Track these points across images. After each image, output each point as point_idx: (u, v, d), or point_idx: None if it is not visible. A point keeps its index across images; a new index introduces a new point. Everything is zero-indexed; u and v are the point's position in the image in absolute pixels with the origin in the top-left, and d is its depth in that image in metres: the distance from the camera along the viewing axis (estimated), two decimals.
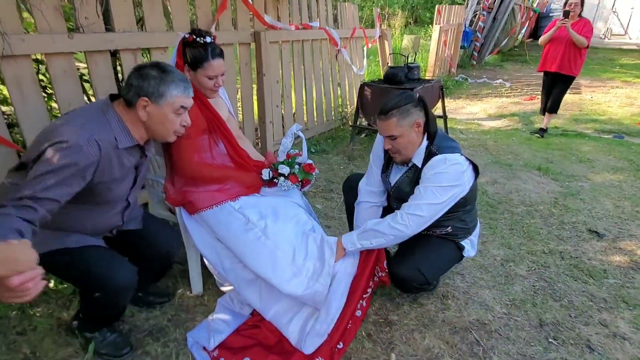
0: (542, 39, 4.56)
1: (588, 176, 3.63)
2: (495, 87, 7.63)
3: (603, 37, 15.30)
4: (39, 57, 2.29)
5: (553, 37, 4.37)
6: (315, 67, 4.21)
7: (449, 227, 1.80)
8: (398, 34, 11.05)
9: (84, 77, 2.31)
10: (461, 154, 1.65)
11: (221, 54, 1.69)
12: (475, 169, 1.72)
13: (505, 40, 10.43)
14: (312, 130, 4.28)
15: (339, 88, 4.85)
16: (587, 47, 4.27)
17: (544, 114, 4.92)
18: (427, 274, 1.75)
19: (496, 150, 4.27)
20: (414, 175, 1.73)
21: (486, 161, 3.93)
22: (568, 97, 6.98)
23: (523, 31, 12.36)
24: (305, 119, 4.19)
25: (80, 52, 2.11)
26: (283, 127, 3.87)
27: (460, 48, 8.56)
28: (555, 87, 4.61)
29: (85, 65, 2.20)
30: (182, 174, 1.73)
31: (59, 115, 2.16)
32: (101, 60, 2.20)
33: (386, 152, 1.82)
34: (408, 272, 1.75)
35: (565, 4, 4.32)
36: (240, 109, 3.40)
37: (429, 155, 1.67)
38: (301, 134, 2.04)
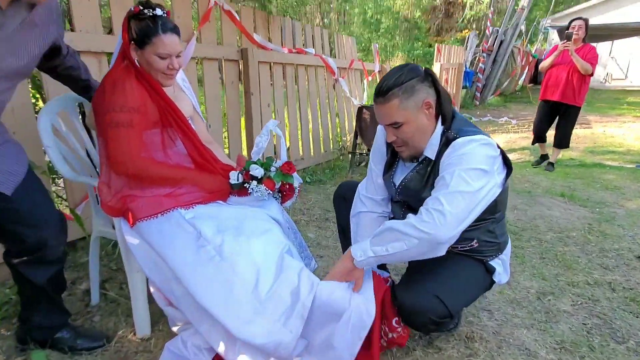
0: (542, 65, 4.15)
1: (620, 203, 3.19)
2: (501, 125, 7.39)
3: (604, 81, 15.41)
4: None
5: (555, 63, 3.97)
6: (311, 94, 3.98)
7: (474, 241, 1.36)
8: None
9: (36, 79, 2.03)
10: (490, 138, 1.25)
11: (175, 30, 1.37)
12: (507, 163, 1.30)
13: (507, 82, 10.41)
14: (308, 160, 3.95)
15: (337, 118, 4.60)
16: (592, 74, 3.88)
17: (534, 143, 4.45)
18: (449, 302, 1.26)
19: (511, 181, 3.87)
20: (428, 170, 1.32)
21: None
22: (579, 131, 6.70)
23: (524, 76, 12.44)
24: (300, 148, 3.87)
25: None
26: (274, 153, 3.54)
27: (462, 88, 8.47)
28: (561, 120, 4.12)
29: None
30: (122, 171, 1.35)
31: None
32: None
33: (390, 146, 1.42)
34: (422, 300, 1.26)
35: (568, 27, 3.94)
36: (226, 133, 3.09)
37: (446, 142, 1.26)
38: (278, 131, 1.67)
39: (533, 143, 4.49)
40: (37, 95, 2.10)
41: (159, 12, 1.34)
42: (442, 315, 1.26)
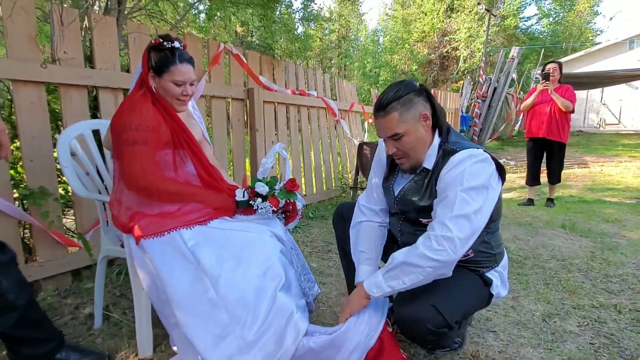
0: (524, 105, 4.28)
1: (622, 233, 3.20)
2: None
3: (598, 126, 15.81)
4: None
5: (535, 102, 4.11)
6: (313, 133, 4.14)
7: (470, 251, 1.39)
8: None
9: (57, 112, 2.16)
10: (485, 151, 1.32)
11: (190, 61, 1.52)
12: (501, 174, 1.35)
13: (503, 126, 10.72)
14: (311, 197, 4.02)
15: (339, 157, 4.73)
16: (572, 111, 3.99)
17: (531, 185, 4.42)
18: (445, 311, 1.26)
19: (512, 215, 3.90)
20: (426, 181, 1.37)
21: (502, 222, 3.53)
22: (577, 171, 6.82)
23: (519, 122, 12.81)
24: (303, 185, 3.96)
25: (52, 83, 2.00)
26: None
27: (460, 132, 8.73)
28: (549, 158, 4.19)
29: None
30: (134, 187, 1.41)
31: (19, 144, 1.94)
32: (77, 96, 2.08)
33: (389, 158, 1.49)
34: (418, 309, 1.27)
35: (543, 70, 4.12)
36: (231, 167, 3.20)
37: (444, 154, 1.32)
38: (284, 153, 1.76)
39: (529, 183, 4.45)
40: (56, 124, 2.22)
41: (177, 44, 1.49)
42: (439, 325, 1.26)
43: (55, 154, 2.04)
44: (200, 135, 1.73)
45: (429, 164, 1.36)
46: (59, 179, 2.12)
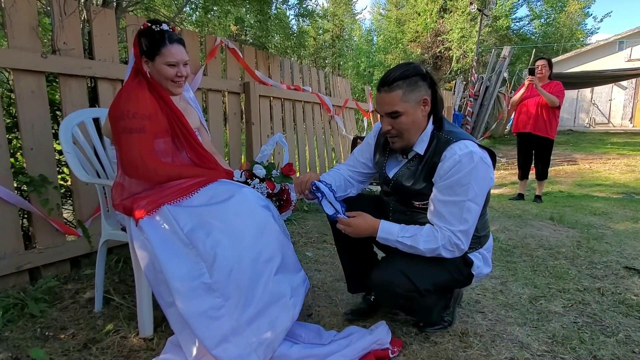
0: (513, 100, 4.35)
1: (608, 225, 3.30)
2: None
3: (588, 125, 16.06)
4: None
5: (523, 97, 4.16)
6: (308, 128, 4.19)
7: None
8: None
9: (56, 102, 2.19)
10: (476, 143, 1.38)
11: (180, 41, 1.55)
12: (491, 157, 1.42)
13: (495, 124, 10.86)
14: None
15: (333, 152, 4.79)
16: (559, 107, 4.03)
17: (520, 179, 4.50)
18: (414, 277, 1.35)
19: (502, 208, 3.99)
20: (420, 167, 1.42)
21: (493, 215, 3.62)
22: (566, 167, 6.96)
23: (511, 121, 12.98)
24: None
25: (52, 73, 2.03)
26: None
27: None
28: (537, 154, 4.24)
29: None
30: (134, 174, 1.45)
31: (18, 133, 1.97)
32: (76, 86, 2.11)
33: (380, 138, 1.55)
34: (389, 274, 1.37)
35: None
36: (227, 160, 3.24)
37: (438, 143, 1.38)
38: (284, 142, 1.82)
39: (519, 177, 4.55)
40: (54, 114, 2.24)
41: (165, 27, 1.53)
42: (407, 289, 1.35)
43: (55, 144, 2.08)
44: (197, 123, 1.78)
45: (420, 148, 1.42)
46: (59, 168, 2.16)
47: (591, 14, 24.80)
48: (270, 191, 1.60)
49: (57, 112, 2.24)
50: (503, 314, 1.76)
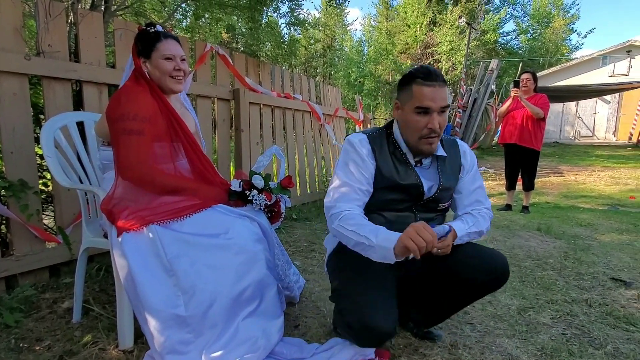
0: (500, 111, 4.43)
1: (594, 236, 3.33)
2: (480, 174, 7.71)
3: (573, 138, 16.39)
4: None
5: (510, 109, 4.22)
6: (298, 136, 4.18)
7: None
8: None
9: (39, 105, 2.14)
10: None
11: (175, 38, 1.56)
12: None
13: (483, 135, 11.01)
14: (295, 199, 4.04)
15: (323, 161, 4.78)
16: (544, 119, 4.09)
17: (507, 189, 4.53)
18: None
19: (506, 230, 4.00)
20: (448, 168, 1.44)
21: None
22: (553, 179, 7.06)
23: (498, 133, 13.19)
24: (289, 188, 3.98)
25: (36, 75, 1.98)
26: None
27: None
28: (523, 166, 4.28)
29: None
30: (129, 177, 1.41)
31: None
32: (60, 90, 2.06)
33: (387, 149, 1.39)
34: (502, 259, 1.41)
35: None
36: (216, 167, 3.20)
37: (446, 142, 1.47)
38: (281, 154, 1.80)
39: (507, 188, 4.57)
40: (37, 117, 2.19)
41: (159, 28, 1.53)
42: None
43: (36, 148, 2.02)
44: (193, 128, 1.75)
45: (441, 151, 1.42)
46: (40, 173, 2.09)
47: (575, 30, 25.59)
48: (268, 202, 1.57)
49: (41, 116, 2.19)
50: (492, 325, 1.74)
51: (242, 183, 1.58)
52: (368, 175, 1.35)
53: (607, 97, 15.43)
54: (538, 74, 4.41)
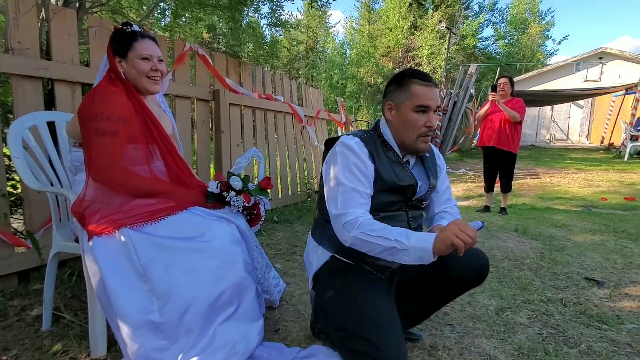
0: (478, 115, 4.55)
1: (568, 237, 3.42)
2: (460, 176, 7.85)
3: (549, 141, 16.88)
4: None
5: (488, 113, 4.33)
6: (279, 138, 4.15)
7: None
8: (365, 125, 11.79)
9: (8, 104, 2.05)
10: None
11: (152, 38, 1.53)
12: None
13: (463, 138, 11.21)
14: (276, 201, 4.01)
15: (304, 163, 4.76)
16: (521, 123, 4.20)
17: (486, 191, 4.63)
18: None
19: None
20: (431, 166, 1.48)
21: None
22: (529, 181, 7.24)
23: (477, 136, 13.46)
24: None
25: (4, 73, 1.90)
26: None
27: None
28: (501, 168, 4.39)
29: None
30: (101, 178, 1.35)
31: None
32: (30, 88, 1.98)
33: (382, 150, 1.37)
34: (484, 256, 1.48)
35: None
36: (195, 170, 3.14)
37: None
38: (260, 156, 1.77)
39: (485, 190, 4.67)
40: (6, 117, 2.10)
41: (136, 28, 1.49)
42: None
43: (5, 149, 1.94)
44: (170, 130, 1.70)
45: None
46: (8, 175, 2.01)
47: (550, 37, 26.29)
48: (247, 204, 1.54)
49: (10, 115, 2.10)
50: (471, 326, 1.76)
51: (219, 184, 1.55)
52: (370, 178, 1.33)
53: (581, 102, 15.98)
54: (515, 79, 4.55)
